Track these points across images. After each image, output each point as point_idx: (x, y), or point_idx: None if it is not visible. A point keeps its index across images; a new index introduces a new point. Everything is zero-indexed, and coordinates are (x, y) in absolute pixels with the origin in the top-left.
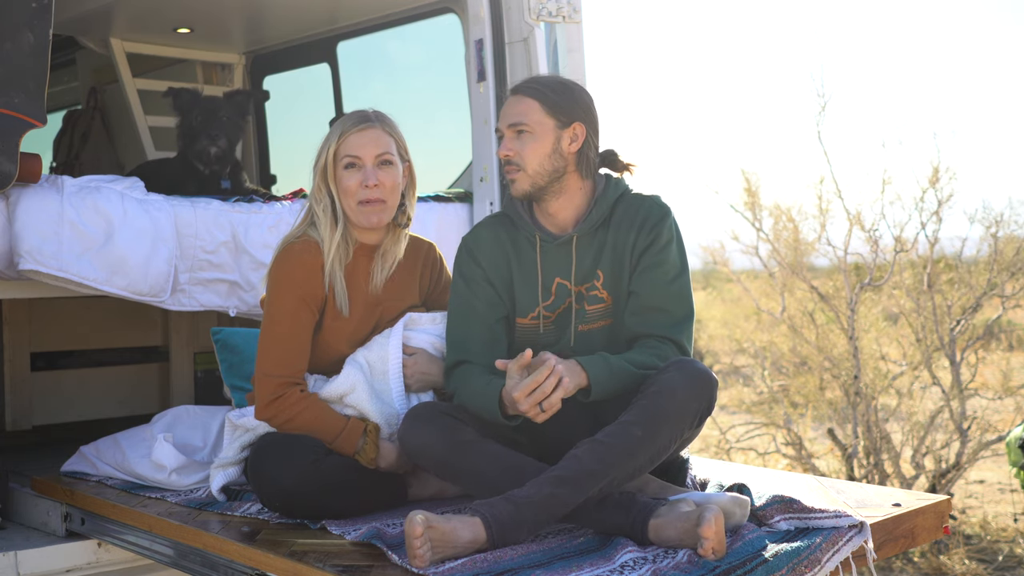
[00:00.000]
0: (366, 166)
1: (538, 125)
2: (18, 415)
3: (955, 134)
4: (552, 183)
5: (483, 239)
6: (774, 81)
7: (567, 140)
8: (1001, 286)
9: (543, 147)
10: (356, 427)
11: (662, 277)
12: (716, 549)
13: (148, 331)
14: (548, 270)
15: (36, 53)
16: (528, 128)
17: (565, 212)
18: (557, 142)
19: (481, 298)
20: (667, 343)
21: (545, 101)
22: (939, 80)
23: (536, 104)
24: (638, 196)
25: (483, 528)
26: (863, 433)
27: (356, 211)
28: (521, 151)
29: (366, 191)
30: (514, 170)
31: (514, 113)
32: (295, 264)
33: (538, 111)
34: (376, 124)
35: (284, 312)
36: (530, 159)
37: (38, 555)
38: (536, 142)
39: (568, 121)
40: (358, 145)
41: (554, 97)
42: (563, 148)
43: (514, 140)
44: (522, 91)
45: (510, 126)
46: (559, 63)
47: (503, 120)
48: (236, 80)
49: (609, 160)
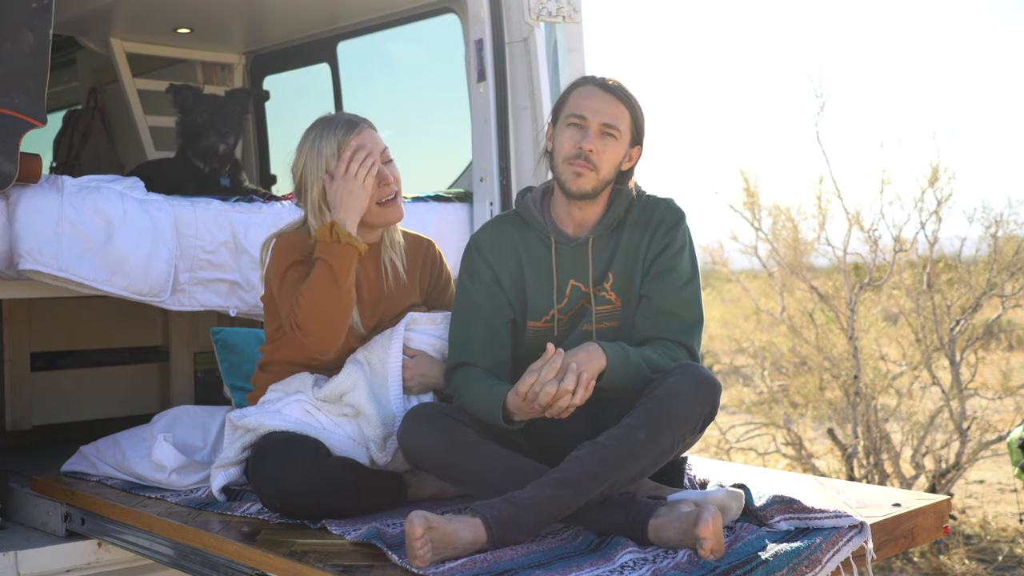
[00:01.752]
0: (379, 166)
1: (623, 136)
2: (18, 415)
3: (954, 134)
4: (602, 190)
5: (494, 239)
6: (773, 81)
7: (627, 158)
8: (1001, 286)
9: (617, 156)
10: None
11: (674, 282)
12: (715, 549)
13: (148, 331)
14: (563, 272)
15: (36, 53)
16: (617, 134)
17: (584, 216)
18: (623, 157)
19: (488, 300)
20: (679, 347)
21: (634, 115)
22: (938, 80)
23: (627, 114)
24: (652, 198)
25: (483, 529)
26: (863, 433)
27: (375, 212)
28: (603, 152)
29: (383, 190)
30: (588, 168)
31: (610, 113)
32: (285, 242)
33: (627, 121)
34: (366, 125)
35: (287, 272)
36: (607, 163)
37: (38, 555)
38: (617, 149)
39: (636, 141)
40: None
41: (638, 115)
42: (622, 164)
43: (599, 139)
44: (618, 95)
45: (603, 124)
46: (559, 63)
47: (595, 114)
48: (236, 80)
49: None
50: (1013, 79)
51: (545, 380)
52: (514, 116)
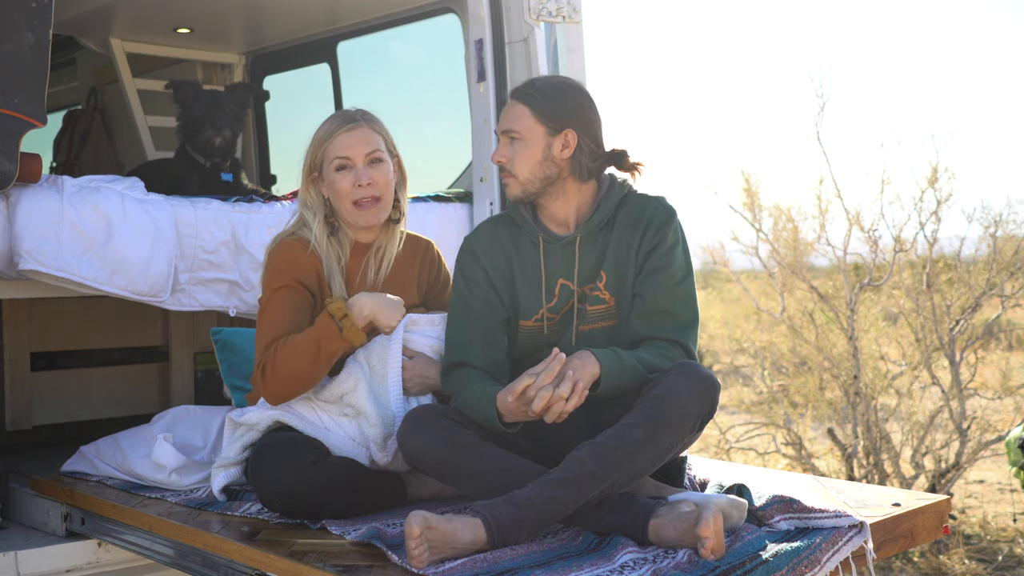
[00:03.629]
0: (357, 166)
1: (528, 132)
2: (18, 415)
3: (953, 134)
4: (546, 188)
5: (485, 240)
6: (773, 81)
7: (559, 147)
8: (1000, 286)
9: (533, 154)
10: (324, 321)
11: (668, 280)
12: (715, 549)
13: (148, 331)
14: (551, 271)
15: (36, 53)
16: (519, 135)
17: (566, 213)
18: (548, 149)
19: (482, 300)
20: (675, 346)
21: (536, 107)
22: (937, 80)
23: (527, 110)
24: (643, 196)
25: (484, 529)
26: (863, 433)
27: (352, 212)
28: (513, 158)
29: (360, 191)
30: (507, 176)
31: (507, 119)
32: (283, 253)
33: (528, 118)
34: (362, 123)
35: (273, 292)
36: (521, 166)
37: (38, 555)
38: (526, 149)
39: (559, 128)
40: (347, 146)
41: (545, 104)
42: (555, 155)
43: (507, 146)
44: (517, 96)
45: (504, 132)
46: (559, 63)
47: (499, 124)
48: (236, 80)
49: (617, 159)
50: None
51: (541, 385)
52: None
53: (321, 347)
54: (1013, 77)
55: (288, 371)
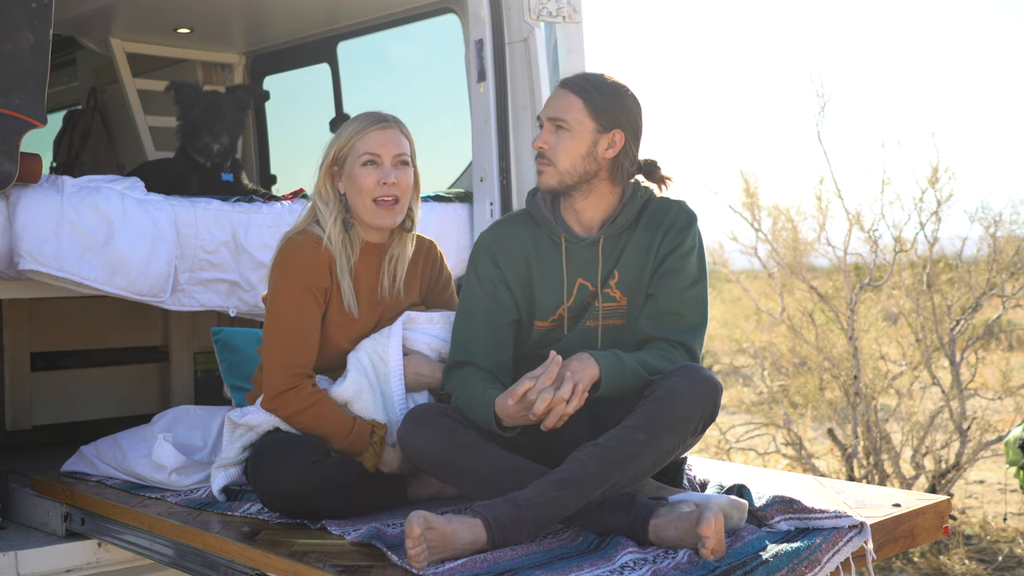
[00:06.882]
0: (384, 164)
1: (578, 124)
2: (18, 415)
3: (953, 134)
4: (581, 184)
5: (502, 238)
6: (773, 81)
7: (604, 145)
8: (1001, 286)
9: (578, 147)
10: (363, 429)
11: (681, 282)
12: (716, 549)
13: (148, 331)
14: (572, 271)
15: (36, 53)
16: (567, 125)
17: (592, 212)
18: (594, 145)
19: (494, 300)
20: (678, 348)
21: (590, 101)
22: (938, 80)
23: (580, 102)
24: (665, 200)
25: (484, 530)
26: (863, 433)
27: (370, 209)
28: (556, 146)
29: (383, 188)
30: (545, 164)
31: (557, 107)
32: (299, 255)
33: (580, 110)
34: (394, 125)
35: (290, 301)
36: (563, 157)
37: (38, 555)
38: (572, 141)
39: (609, 126)
40: (379, 143)
41: (600, 99)
42: (599, 152)
43: (551, 134)
44: (569, 86)
45: (550, 119)
46: (559, 63)
47: (545, 110)
48: (236, 80)
49: (648, 170)
50: (1013, 79)
51: (541, 388)
52: (514, 116)
53: (347, 443)
54: (1013, 77)
55: (307, 428)
